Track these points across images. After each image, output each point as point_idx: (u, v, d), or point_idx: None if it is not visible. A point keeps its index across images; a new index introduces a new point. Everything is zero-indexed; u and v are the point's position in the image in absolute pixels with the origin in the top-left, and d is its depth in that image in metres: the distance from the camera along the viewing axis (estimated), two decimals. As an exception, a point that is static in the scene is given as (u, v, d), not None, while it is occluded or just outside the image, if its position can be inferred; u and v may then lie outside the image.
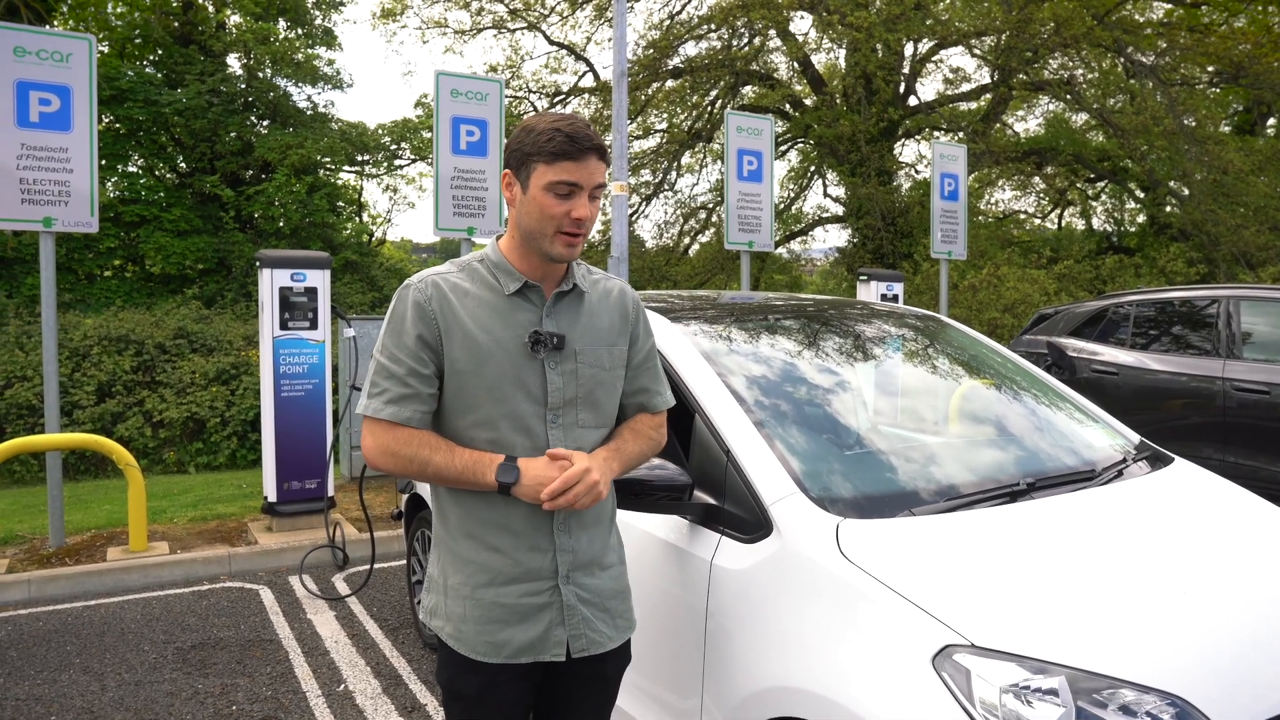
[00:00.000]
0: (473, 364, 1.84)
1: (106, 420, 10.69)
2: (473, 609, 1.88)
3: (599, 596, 1.95)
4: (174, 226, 16.32)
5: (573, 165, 1.80)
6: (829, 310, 3.39)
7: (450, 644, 1.91)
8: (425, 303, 1.84)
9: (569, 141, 1.79)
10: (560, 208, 1.81)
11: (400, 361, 1.83)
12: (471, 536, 1.89)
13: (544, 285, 1.91)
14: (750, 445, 2.35)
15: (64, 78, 5.61)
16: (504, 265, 1.91)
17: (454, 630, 1.89)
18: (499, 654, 1.87)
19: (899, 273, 9.27)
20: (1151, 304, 6.99)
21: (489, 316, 1.87)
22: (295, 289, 5.98)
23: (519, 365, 1.86)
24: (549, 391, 1.88)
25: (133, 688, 3.93)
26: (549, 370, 1.88)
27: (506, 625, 1.87)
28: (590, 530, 1.95)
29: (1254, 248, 15.68)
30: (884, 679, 1.85)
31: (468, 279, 1.90)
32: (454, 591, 1.90)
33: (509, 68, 20.22)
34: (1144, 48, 16.26)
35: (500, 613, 1.87)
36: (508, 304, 1.89)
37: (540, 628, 1.88)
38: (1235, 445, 5.97)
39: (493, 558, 1.87)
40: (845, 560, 2.04)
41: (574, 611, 1.90)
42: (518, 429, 1.86)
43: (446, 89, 6.77)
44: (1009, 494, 2.40)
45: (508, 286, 1.89)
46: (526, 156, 1.83)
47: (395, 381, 1.83)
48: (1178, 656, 1.84)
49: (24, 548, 5.82)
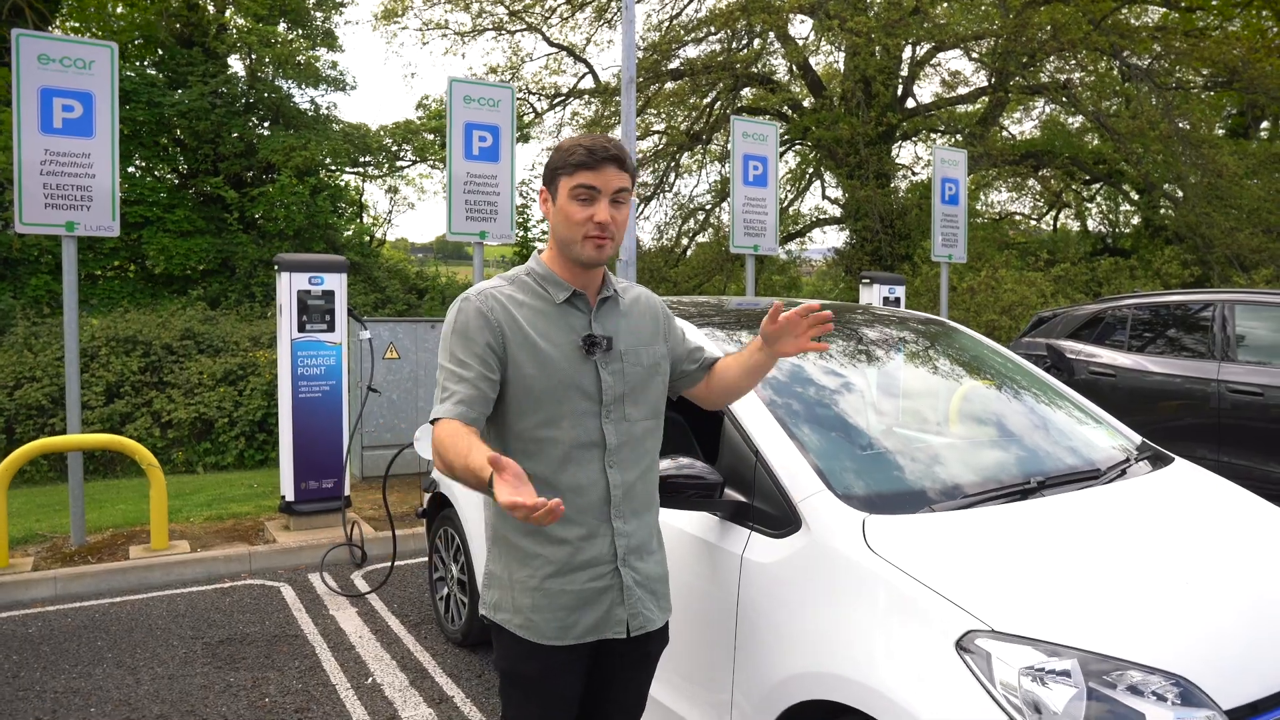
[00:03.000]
0: (537, 368, 1.99)
1: (115, 421, 10.80)
2: (542, 599, 2.02)
3: (648, 579, 2.11)
4: (177, 227, 16.41)
5: (590, 173, 2.00)
6: (843, 316, 3.53)
7: (520, 634, 2.03)
8: (489, 313, 2.00)
9: (588, 153, 2.00)
10: (583, 213, 2.00)
11: (469, 366, 1.97)
12: (534, 533, 2.02)
13: (588, 293, 2.09)
14: (778, 446, 2.49)
15: (86, 84, 5.73)
16: (551, 277, 2.08)
17: (524, 621, 2.03)
18: (568, 636, 2.01)
19: (900, 276, 9.43)
20: (1148, 307, 7.15)
21: (546, 324, 2.03)
22: (313, 292, 6.11)
23: (576, 367, 2.03)
24: (603, 389, 2.04)
25: (166, 681, 4.06)
26: (601, 370, 2.05)
27: (574, 611, 2.02)
28: (641, 516, 2.10)
29: (1247, 250, 15.87)
30: (911, 662, 1.99)
31: (520, 291, 2.07)
32: (520, 585, 2.04)
33: (509, 69, 20.35)
34: (1139, 52, 16.43)
35: (568, 599, 2.02)
36: (559, 312, 2.05)
37: (604, 608, 2.04)
38: (1229, 446, 6.12)
39: (557, 550, 2.02)
40: (872, 553, 2.18)
41: (630, 592, 2.06)
42: (576, 425, 2.02)
43: (459, 95, 6.90)
44: (1020, 492, 2.54)
45: (557, 296, 2.06)
46: (555, 171, 2.05)
47: (465, 384, 1.96)
48: (1181, 640, 1.99)
49: (46, 546, 5.93)
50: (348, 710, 3.78)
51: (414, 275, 19.74)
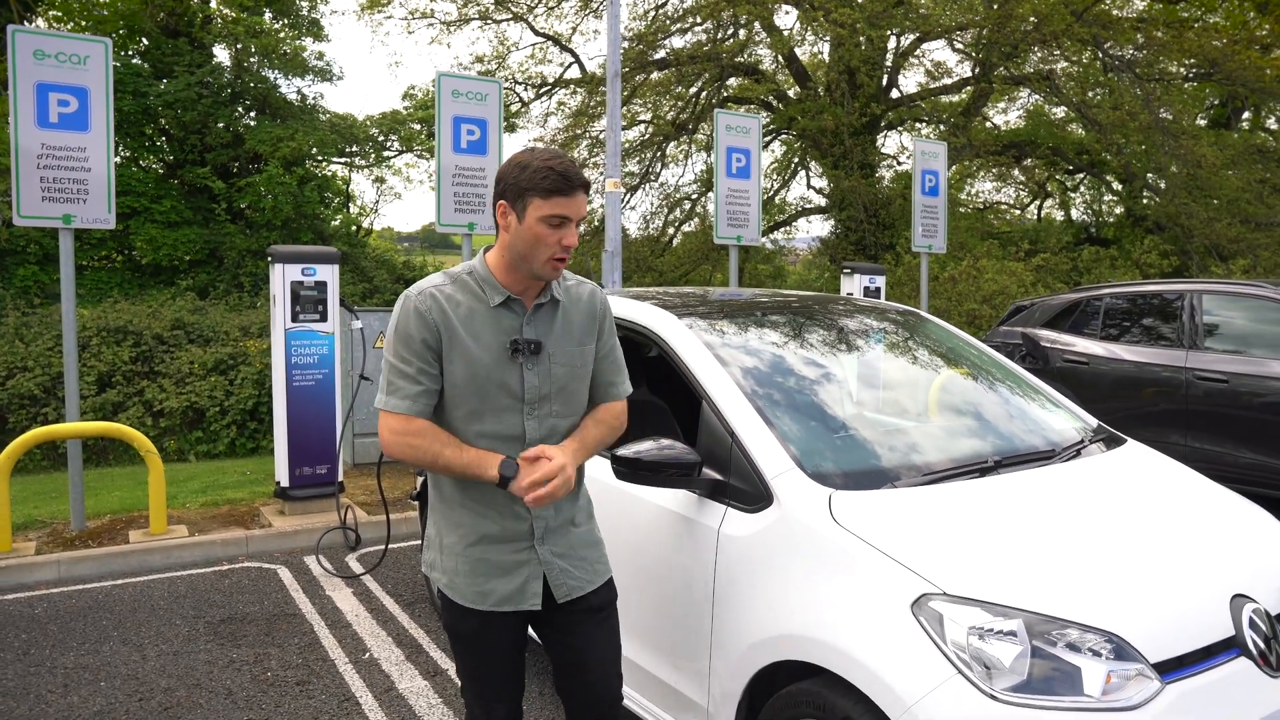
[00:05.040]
0: (465, 366, 2.18)
1: (107, 410, 10.90)
2: (464, 564, 2.25)
3: (572, 549, 2.32)
4: (164, 218, 16.45)
5: (565, 200, 2.12)
6: (816, 306, 3.71)
7: (446, 593, 2.29)
8: (426, 312, 2.17)
9: (563, 180, 2.10)
10: (554, 236, 2.13)
11: (410, 362, 2.17)
12: (465, 504, 2.25)
13: (525, 298, 2.24)
14: (752, 428, 2.67)
15: (82, 79, 5.84)
16: (490, 280, 2.23)
17: (449, 581, 2.27)
18: (485, 602, 2.24)
19: (881, 266, 9.62)
20: (1122, 297, 7.36)
21: (478, 324, 2.19)
22: (306, 283, 6.25)
23: (502, 367, 2.20)
24: (525, 389, 2.22)
25: (172, 657, 4.23)
26: (526, 372, 2.22)
27: (491, 578, 2.24)
28: (560, 500, 2.29)
29: (1225, 240, 16.14)
30: (871, 624, 2.18)
31: (458, 290, 2.22)
32: (449, 549, 2.28)
33: (495, 59, 20.41)
34: (1121, 43, 16.64)
35: (487, 568, 2.24)
36: (492, 314, 2.21)
37: (519, 581, 2.25)
38: (1197, 431, 6.34)
39: (481, 521, 2.24)
40: (837, 525, 2.36)
41: (550, 566, 2.27)
42: (498, 420, 2.21)
43: (447, 89, 7.03)
44: (979, 470, 2.73)
45: (493, 299, 2.21)
46: (523, 191, 2.13)
47: (408, 380, 2.17)
48: (1116, 602, 2.18)
49: (46, 531, 6.07)
50: (347, 683, 3.95)
51: (401, 265, 19.84)
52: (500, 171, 2.19)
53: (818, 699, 2.26)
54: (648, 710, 2.95)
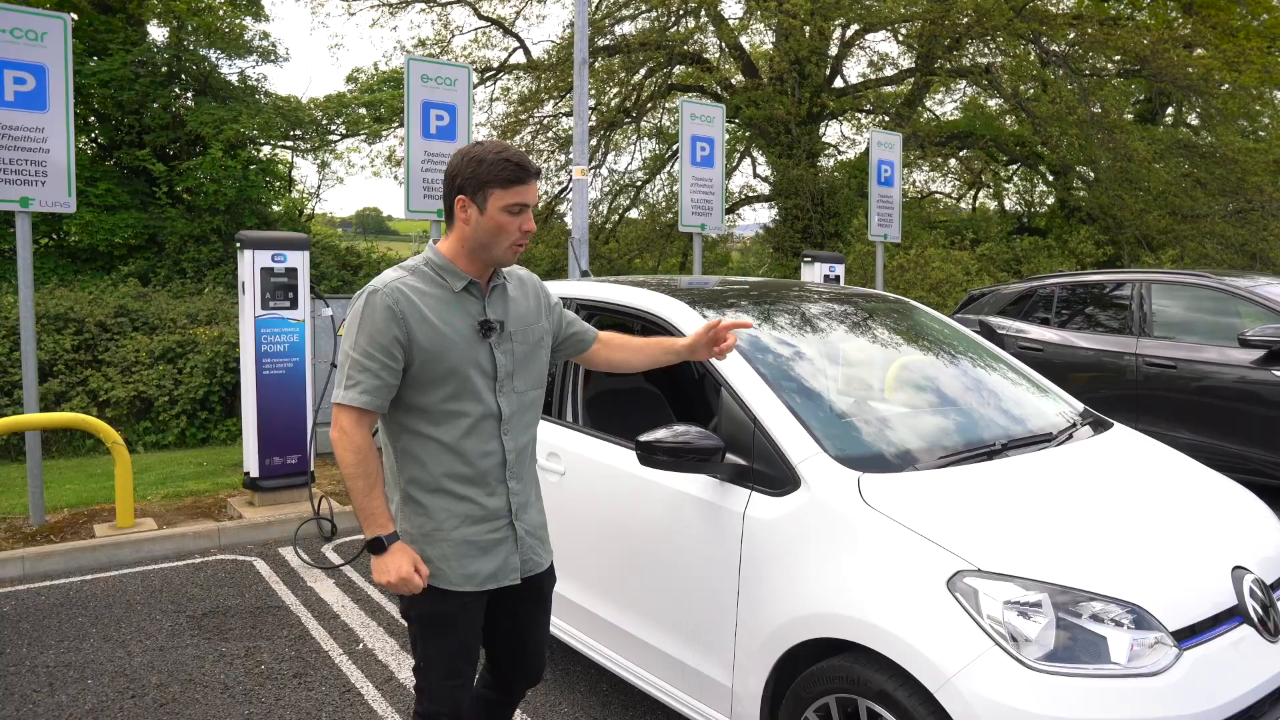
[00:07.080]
0: (442, 350, 2.25)
1: (50, 400, 10.52)
2: (450, 549, 2.31)
3: (534, 528, 2.46)
4: (100, 201, 15.86)
5: (523, 189, 2.25)
6: (815, 295, 3.80)
7: (432, 582, 2.30)
8: (395, 307, 2.22)
9: (521, 170, 2.24)
10: (514, 223, 2.27)
11: (374, 358, 2.21)
12: (441, 490, 2.31)
13: (480, 281, 2.35)
14: (776, 414, 2.75)
15: (39, 57, 5.65)
16: (450, 267, 2.33)
17: (434, 570, 2.30)
18: (472, 583, 2.33)
19: (840, 254, 9.79)
20: (1073, 286, 7.64)
21: (446, 310, 2.29)
22: (276, 269, 6.14)
23: (474, 348, 2.30)
24: (498, 366, 2.33)
25: (158, 653, 4.15)
26: (495, 350, 2.33)
27: (476, 559, 2.32)
28: (527, 476, 2.45)
29: (1155, 231, 16.79)
30: (907, 600, 2.27)
31: (421, 281, 2.30)
32: (428, 538, 2.32)
33: (438, 43, 20.15)
34: (1056, 38, 17.13)
35: (472, 549, 2.33)
36: (457, 299, 2.32)
37: (501, 557, 2.36)
38: (1147, 414, 6.63)
39: (462, 505, 2.32)
40: (868, 507, 2.45)
41: (523, 541, 2.41)
42: (478, 400, 2.30)
43: (417, 74, 6.96)
44: (987, 453, 2.85)
45: (455, 284, 2.31)
46: (483, 183, 2.23)
47: (369, 375, 2.21)
48: (1134, 574, 2.31)
49: (3, 526, 5.88)
50: (345, 674, 3.94)
51: (344, 251, 19.46)
52: (453, 167, 2.27)
53: (850, 674, 2.35)
54: (667, 693, 3.00)
